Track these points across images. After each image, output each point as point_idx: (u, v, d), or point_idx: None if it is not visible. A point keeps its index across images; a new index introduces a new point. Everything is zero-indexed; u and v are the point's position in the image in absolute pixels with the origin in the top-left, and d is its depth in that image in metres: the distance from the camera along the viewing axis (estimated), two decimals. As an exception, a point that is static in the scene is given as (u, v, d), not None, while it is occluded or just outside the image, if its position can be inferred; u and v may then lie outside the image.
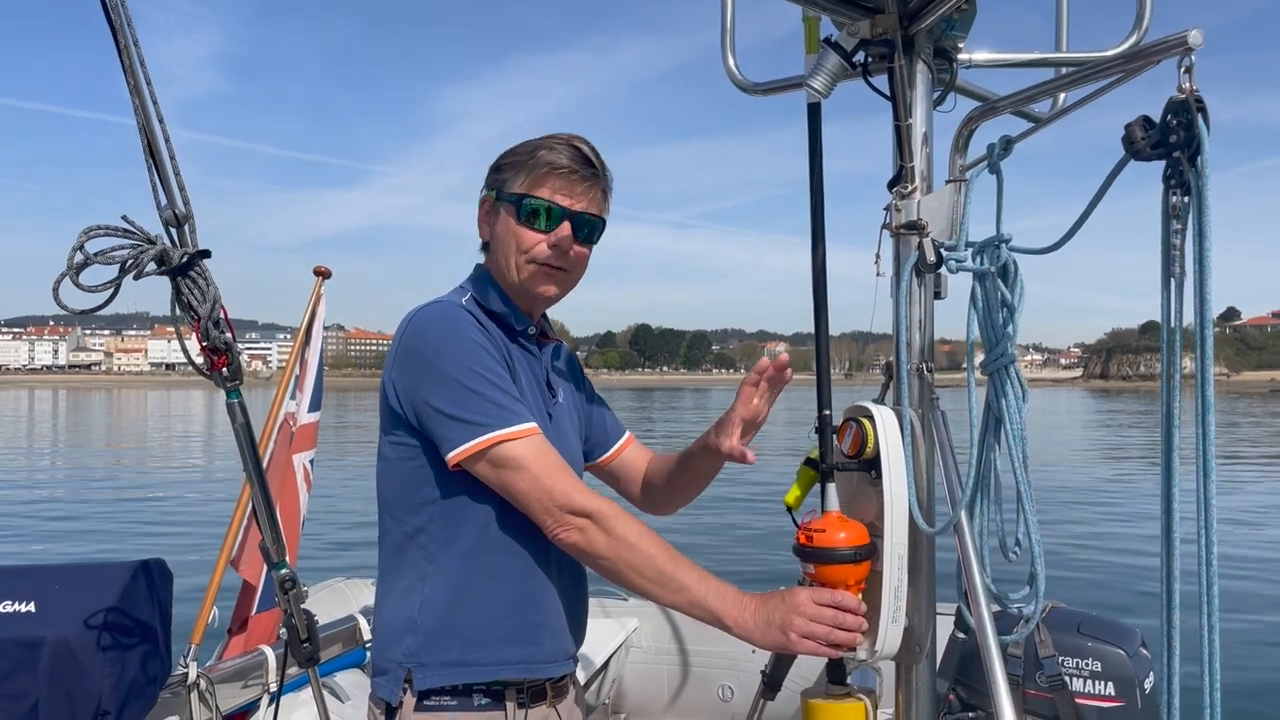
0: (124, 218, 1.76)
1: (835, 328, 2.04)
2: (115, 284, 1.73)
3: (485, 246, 1.89)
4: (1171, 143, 1.39)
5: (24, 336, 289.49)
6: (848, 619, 1.66)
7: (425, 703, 1.74)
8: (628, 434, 2.15)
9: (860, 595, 1.72)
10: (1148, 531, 13.35)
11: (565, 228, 1.79)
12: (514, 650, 1.76)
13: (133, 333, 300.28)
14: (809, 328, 1.97)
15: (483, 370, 1.70)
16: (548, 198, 1.78)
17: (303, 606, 2.23)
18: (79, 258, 1.68)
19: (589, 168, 1.80)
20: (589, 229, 1.83)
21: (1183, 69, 1.39)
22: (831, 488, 1.81)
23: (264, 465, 3.30)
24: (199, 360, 1.90)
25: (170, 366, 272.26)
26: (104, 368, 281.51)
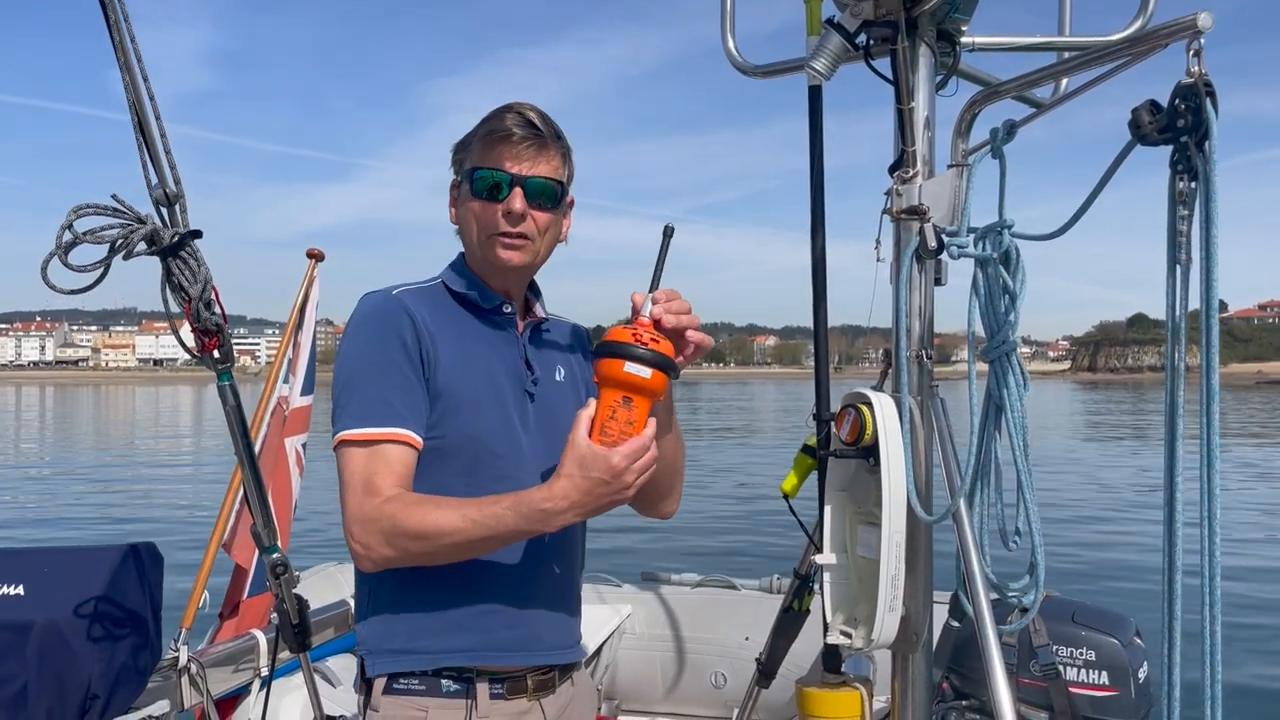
0: (114, 196, 1.73)
1: (828, 319, 2.02)
2: (105, 264, 1.70)
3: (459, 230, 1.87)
4: (1179, 127, 1.37)
5: (10, 332, 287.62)
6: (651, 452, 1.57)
7: (394, 686, 1.72)
8: None
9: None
10: (1144, 521, 13.42)
11: (516, 194, 1.74)
12: (458, 638, 1.71)
13: (120, 328, 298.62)
14: (799, 321, 1.98)
15: (367, 364, 1.69)
16: (492, 166, 1.74)
17: (294, 591, 2.22)
18: (68, 237, 1.65)
19: (530, 129, 1.75)
20: (541, 193, 1.76)
21: (1191, 52, 1.37)
22: (649, 298, 1.60)
23: (256, 449, 3.28)
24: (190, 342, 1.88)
25: (158, 362, 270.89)
26: (91, 363, 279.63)
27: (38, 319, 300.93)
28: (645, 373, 1.53)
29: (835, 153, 2.02)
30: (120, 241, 1.71)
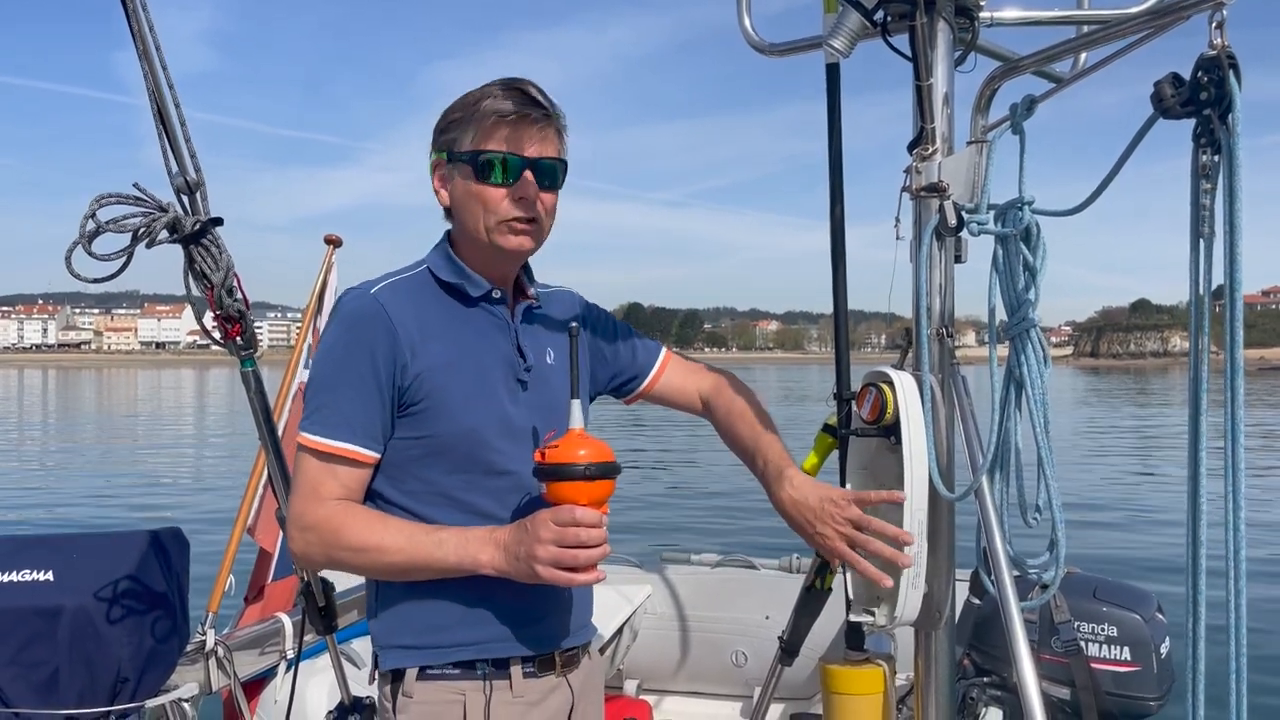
0: (135, 185, 1.74)
1: (827, 305, 2.01)
2: (128, 252, 1.72)
3: (448, 213, 1.79)
4: (1202, 100, 1.36)
5: (13, 315, 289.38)
6: (590, 534, 1.56)
7: (428, 671, 1.71)
8: (663, 356, 2.02)
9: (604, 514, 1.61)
10: (1165, 496, 13.37)
11: (528, 178, 1.69)
12: (469, 632, 1.70)
13: (122, 311, 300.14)
14: (801, 306, 1.97)
15: (334, 372, 1.69)
16: (503, 149, 1.68)
17: (320, 574, 2.24)
18: (91, 225, 1.67)
19: (539, 109, 1.70)
20: (551, 175, 1.73)
21: (1214, 24, 1.36)
22: (575, 405, 1.65)
23: (279, 433, 3.30)
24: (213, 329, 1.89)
25: (160, 345, 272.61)
26: (94, 346, 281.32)
27: (40, 302, 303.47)
28: (595, 486, 1.60)
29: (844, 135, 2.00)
30: (143, 230, 1.73)
